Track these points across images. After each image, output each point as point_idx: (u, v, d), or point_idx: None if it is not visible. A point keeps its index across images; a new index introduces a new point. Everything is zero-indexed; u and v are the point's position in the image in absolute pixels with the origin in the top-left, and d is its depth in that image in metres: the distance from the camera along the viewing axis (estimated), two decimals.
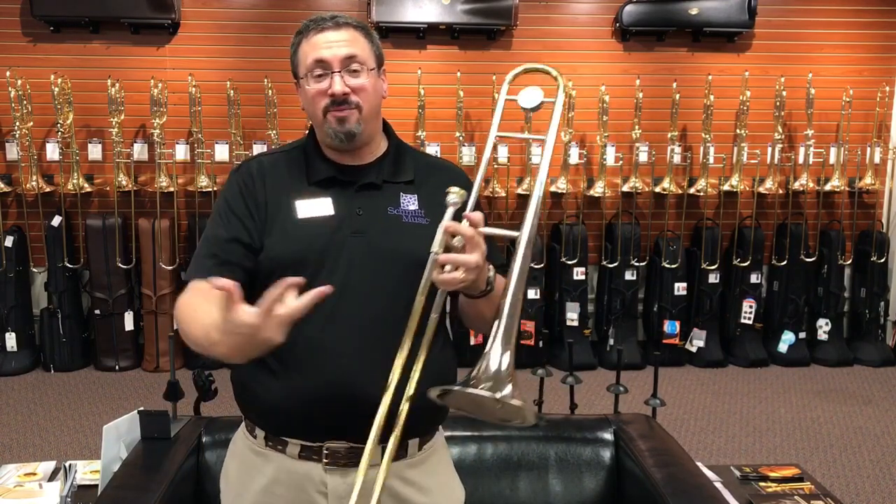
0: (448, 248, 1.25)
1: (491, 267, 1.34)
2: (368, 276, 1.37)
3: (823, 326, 4.97)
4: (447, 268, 1.23)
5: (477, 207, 1.35)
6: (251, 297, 1.26)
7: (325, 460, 1.38)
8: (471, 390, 1.13)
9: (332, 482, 1.38)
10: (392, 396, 1.24)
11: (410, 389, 1.25)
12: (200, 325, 1.28)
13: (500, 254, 1.51)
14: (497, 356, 1.16)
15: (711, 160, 4.82)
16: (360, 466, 1.24)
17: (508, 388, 1.13)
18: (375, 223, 1.40)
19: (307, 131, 1.51)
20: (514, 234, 1.30)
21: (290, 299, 1.15)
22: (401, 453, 1.40)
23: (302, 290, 1.28)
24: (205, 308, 1.28)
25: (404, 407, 1.26)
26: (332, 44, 1.38)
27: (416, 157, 1.53)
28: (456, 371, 1.50)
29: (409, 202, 1.44)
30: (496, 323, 1.20)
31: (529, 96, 1.39)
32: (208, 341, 1.25)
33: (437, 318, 1.29)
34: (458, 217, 1.26)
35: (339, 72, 1.37)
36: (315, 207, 1.40)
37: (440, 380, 1.34)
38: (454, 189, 1.27)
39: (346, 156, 1.45)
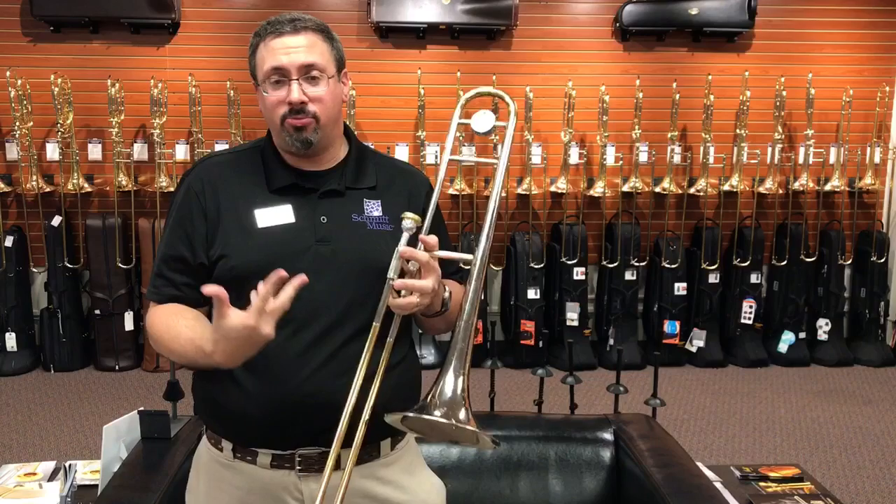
0: (403, 273, 1.27)
1: (447, 288, 1.35)
2: (335, 284, 1.35)
3: (823, 326, 4.97)
4: (403, 292, 1.25)
5: (437, 221, 1.39)
6: (208, 302, 1.30)
7: (298, 467, 1.37)
8: (427, 417, 1.18)
9: (307, 489, 1.37)
10: (353, 409, 1.26)
11: (371, 401, 1.26)
12: (186, 340, 1.30)
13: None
14: (451, 382, 1.20)
15: (711, 160, 4.82)
16: (324, 471, 1.25)
17: (462, 413, 1.18)
18: (341, 231, 1.38)
19: (266, 133, 1.48)
20: (468, 257, 1.32)
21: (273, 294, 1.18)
22: (374, 454, 1.41)
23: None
24: (182, 324, 1.32)
25: (366, 416, 1.26)
26: (290, 50, 1.35)
27: (378, 161, 1.51)
28: (420, 374, 1.51)
29: (373, 208, 1.43)
30: (450, 346, 1.23)
31: (482, 120, 1.44)
32: (199, 354, 1.26)
33: (394, 340, 1.30)
34: (413, 242, 1.28)
35: (297, 79, 1.35)
36: (275, 215, 1.38)
37: (401, 387, 1.40)
38: (409, 214, 1.28)
39: (306, 161, 1.42)
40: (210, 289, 1.16)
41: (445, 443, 1.92)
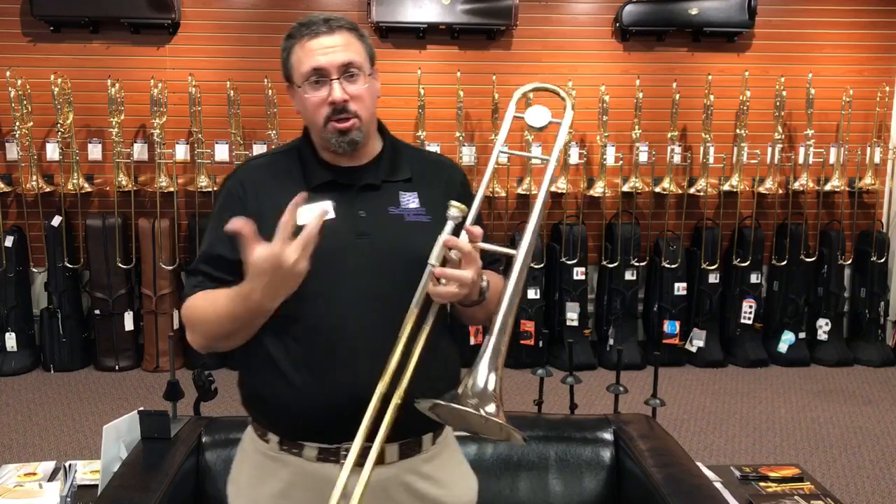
0: (445, 261, 1.27)
1: (485, 278, 1.35)
2: (377, 277, 1.37)
3: (823, 326, 4.97)
4: (442, 280, 1.26)
5: (478, 220, 1.38)
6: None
7: (343, 461, 1.37)
8: (457, 406, 1.18)
9: (351, 482, 1.37)
10: (381, 399, 1.26)
11: (401, 391, 1.26)
12: (226, 300, 1.32)
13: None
14: (484, 375, 1.20)
15: (711, 160, 4.82)
16: (367, 466, 1.25)
17: (492, 407, 1.18)
18: (379, 224, 1.40)
19: (301, 132, 1.50)
20: (511, 251, 1.31)
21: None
22: (415, 449, 1.43)
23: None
24: (218, 293, 1.35)
25: (394, 407, 1.26)
26: (328, 49, 1.37)
27: (412, 154, 1.53)
28: (459, 369, 1.50)
29: (410, 200, 1.44)
30: (485, 340, 1.23)
31: (537, 115, 1.37)
32: (242, 302, 1.28)
33: (431, 326, 1.30)
34: (457, 231, 1.28)
35: (338, 79, 1.37)
36: (315, 212, 1.38)
37: (441, 379, 1.39)
38: (455, 203, 1.28)
39: (343, 158, 1.44)
40: (234, 224, 1.20)
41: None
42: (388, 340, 1.34)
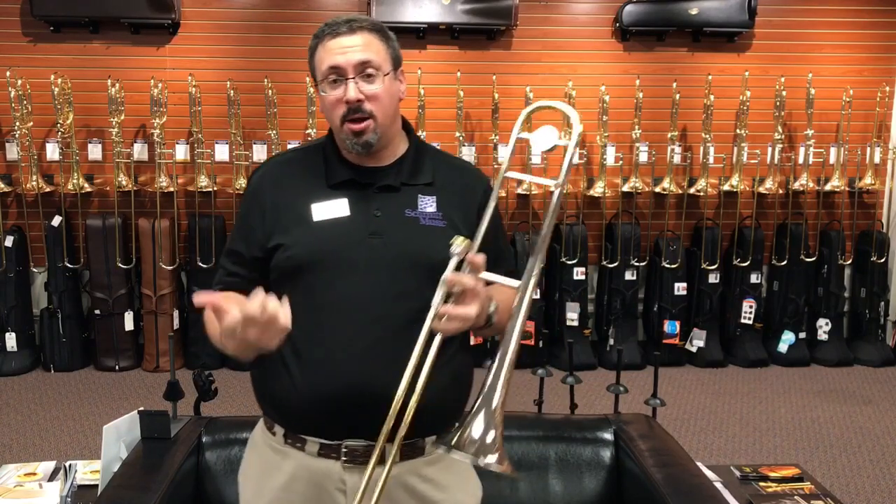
0: (449, 295, 1.26)
1: (494, 302, 1.35)
2: (386, 277, 1.38)
3: (823, 326, 4.97)
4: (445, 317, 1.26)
5: (495, 226, 1.39)
6: (277, 293, 1.32)
7: (343, 458, 1.40)
8: (456, 455, 1.16)
9: (351, 480, 1.40)
10: (401, 402, 1.26)
11: (415, 398, 1.25)
12: (214, 332, 1.33)
13: (511, 259, 1.56)
14: (480, 424, 1.17)
15: (711, 160, 4.82)
16: (368, 464, 1.27)
17: (492, 458, 1.15)
18: (393, 225, 1.41)
19: (328, 130, 1.52)
20: (515, 283, 1.29)
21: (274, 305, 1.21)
22: (418, 451, 1.43)
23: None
24: (213, 322, 1.36)
25: (412, 409, 1.26)
26: (347, 49, 1.38)
27: (436, 157, 1.53)
28: (471, 374, 1.52)
29: (428, 204, 1.45)
30: (485, 384, 1.21)
31: (544, 137, 1.33)
32: (222, 346, 1.30)
33: (443, 339, 1.30)
34: (461, 265, 1.27)
35: (354, 78, 1.38)
36: (331, 209, 1.42)
37: (450, 390, 1.42)
38: (458, 239, 1.27)
39: (366, 157, 1.46)
40: (200, 299, 1.21)
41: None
42: (394, 339, 1.36)
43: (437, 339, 1.27)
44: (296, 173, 1.48)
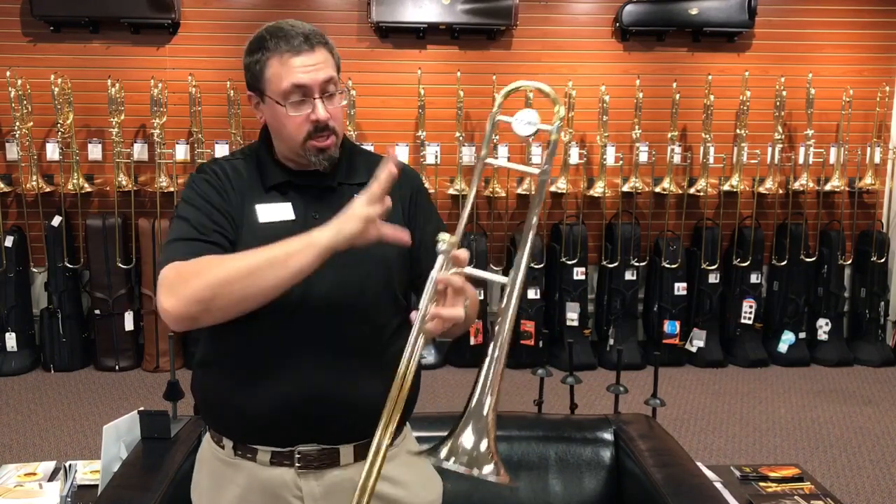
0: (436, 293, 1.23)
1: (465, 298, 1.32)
2: (333, 278, 1.36)
3: (823, 326, 4.96)
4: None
5: (433, 216, 1.41)
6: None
7: (297, 464, 1.38)
8: (450, 466, 1.11)
9: (307, 485, 1.39)
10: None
11: (402, 394, 1.22)
12: (275, 248, 1.24)
13: (441, 222, 1.52)
14: (471, 434, 1.12)
15: (711, 160, 4.82)
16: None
17: (489, 468, 1.13)
18: None
19: (259, 136, 1.49)
20: (503, 279, 1.22)
21: None
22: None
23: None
24: (242, 257, 1.26)
25: (396, 409, 1.22)
26: (310, 68, 1.36)
27: (368, 158, 1.53)
28: (419, 375, 1.45)
29: None
30: (474, 389, 1.15)
31: (525, 121, 1.24)
32: (299, 246, 1.22)
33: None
34: (444, 265, 1.23)
35: (320, 97, 1.37)
36: (275, 212, 1.40)
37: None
38: (443, 236, 1.21)
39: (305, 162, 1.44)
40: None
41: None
42: (343, 341, 1.35)
43: (420, 342, 1.22)
44: (235, 175, 1.45)
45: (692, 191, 4.92)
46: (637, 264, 4.87)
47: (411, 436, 1.56)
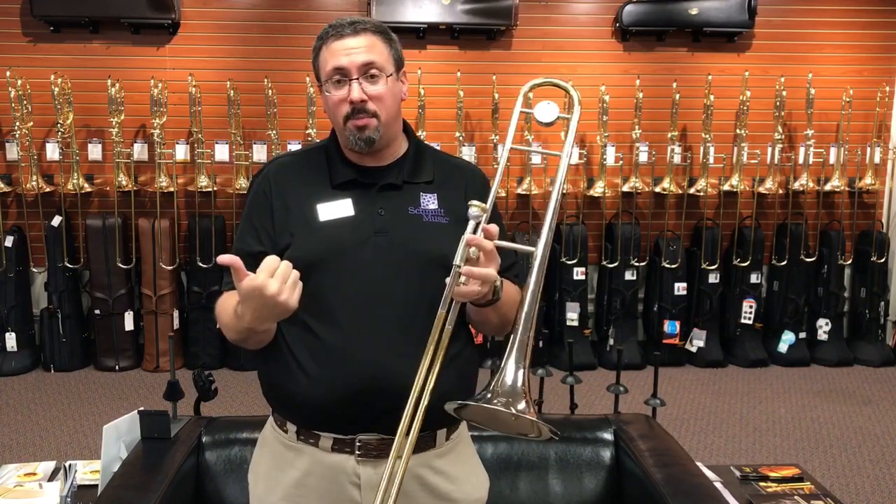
0: (467, 260, 1.28)
1: (499, 278, 1.36)
2: (392, 273, 1.41)
3: (823, 326, 4.97)
4: (463, 279, 1.28)
5: (494, 215, 1.41)
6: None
7: (357, 452, 1.42)
8: (486, 405, 1.20)
9: (365, 473, 1.42)
10: (416, 396, 1.28)
11: (431, 385, 1.28)
12: (231, 311, 1.35)
13: (511, 251, 1.55)
14: (511, 372, 1.22)
15: (711, 160, 4.82)
16: (385, 458, 1.29)
17: (522, 404, 1.20)
18: (397, 222, 1.44)
19: (330, 132, 1.54)
20: (529, 248, 1.33)
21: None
22: (430, 443, 1.46)
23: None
24: (228, 308, 1.38)
25: (424, 403, 1.27)
26: (351, 51, 1.41)
27: (436, 157, 1.57)
28: (477, 369, 1.54)
29: (429, 202, 1.48)
30: (511, 338, 1.26)
31: (546, 111, 1.41)
32: (236, 318, 1.32)
33: (453, 327, 1.32)
34: (477, 230, 1.30)
35: (358, 79, 1.41)
36: (336, 209, 1.45)
37: (461, 378, 1.44)
38: (475, 203, 1.29)
39: (368, 157, 1.48)
40: (224, 259, 1.23)
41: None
42: (402, 334, 1.39)
43: (453, 315, 1.29)
44: (299, 175, 1.50)
45: (692, 191, 4.92)
46: (637, 264, 4.87)
47: (467, 433, 1.59)
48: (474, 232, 1.29)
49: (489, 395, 1.20)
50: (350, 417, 1.41)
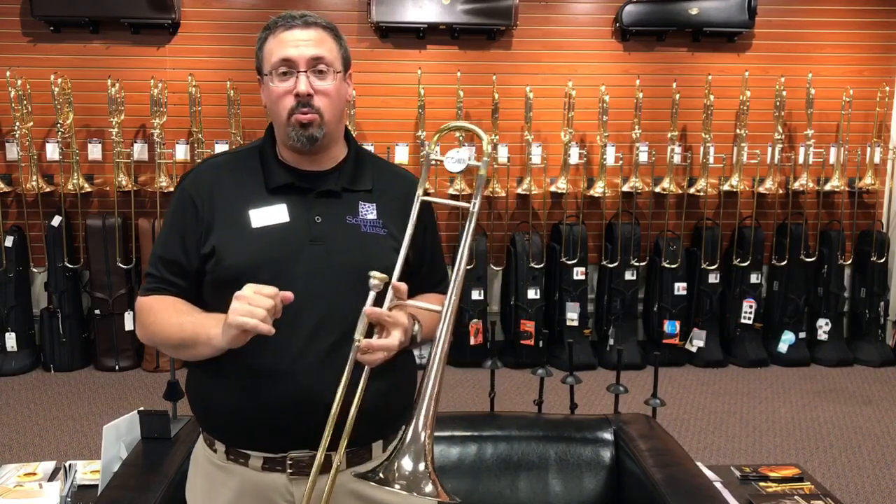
0: (371, 327, 1.27)
1: (417, 323, 1.36)
2: (327, 284, 1.36)
3: (823, 326, 4.96)
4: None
5: (431, 235, 1.43)
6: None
7: (289, 470, 1.37)
8: (388, 489, 1.19)
9: (298, 491, 1.37)
10: (334, 412, 1.26)
11: (358, 399, 1.25)
12: (172, 321, 1.35)
13: (444, 269, 1.57)
14: (411, 456, 1.20)
15: (711, 160, 4.82)
16: (311, 473, 1.27)
17: (429, 487, 1.18)
18: (334, 232, 1.39)
19: (265, 132, 1.49)
20: (437, 308, 1.31)
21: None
22: (364, 456, 1.41)
23: None
24: (176, 314, 1.37)
25: (352, 417, 1.25)
26: (300, 42, 1.36)
27: (375, 164, 1.52)
28: (415, 373, 1.48)
29: (368, 211, 1.43)
30: (415, 407, 1.23)
31: (456, 159, 1.38)
32: (179, 330, 1.33)
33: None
34: (380, 298, 1.28)
35: (306, 72, 1.36)
36: (270, 215, 1.38)
37: (394, 388, 1.41)
38: (375, 273, 1.26)
39: (305, 160, 1.43)
40: (288, 295, 1.26)
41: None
42: (336, 347, 1.34)
43: (364, 372, 1.27)
44: (231, 178, 1.43)
45: (692, 191, 4.92)
46: (637, 264, 4.87)
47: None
48: (375, 302, 1.26)
49: (387, 478, 1.19)
50: (281, 435, 1.36)
